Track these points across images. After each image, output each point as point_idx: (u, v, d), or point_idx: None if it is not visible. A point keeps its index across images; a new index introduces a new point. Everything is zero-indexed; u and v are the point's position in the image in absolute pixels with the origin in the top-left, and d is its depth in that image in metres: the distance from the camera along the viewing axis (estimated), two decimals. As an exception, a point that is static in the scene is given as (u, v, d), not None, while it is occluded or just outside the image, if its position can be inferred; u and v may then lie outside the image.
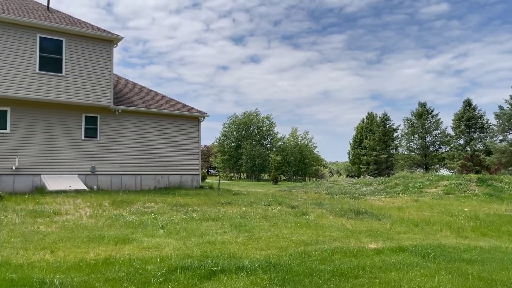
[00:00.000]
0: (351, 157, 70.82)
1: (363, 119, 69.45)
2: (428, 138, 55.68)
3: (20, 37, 15.75)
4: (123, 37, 17.89)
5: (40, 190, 15.43)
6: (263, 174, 65.23)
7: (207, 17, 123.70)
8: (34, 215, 9.91)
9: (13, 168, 15.90)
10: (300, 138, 67.74)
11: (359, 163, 65.30)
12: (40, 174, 16.46)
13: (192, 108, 21.99)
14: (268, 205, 14.37)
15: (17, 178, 15.99)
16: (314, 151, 68.53)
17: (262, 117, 68.04)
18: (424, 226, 11.18)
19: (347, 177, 64.12)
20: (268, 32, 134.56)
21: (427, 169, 52.84)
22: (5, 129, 16.02)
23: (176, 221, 10.20)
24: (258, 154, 60.98)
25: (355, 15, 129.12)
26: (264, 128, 67.83)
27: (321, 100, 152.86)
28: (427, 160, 54.07)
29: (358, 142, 67.92)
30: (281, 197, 17.71)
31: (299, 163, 64.94)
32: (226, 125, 68.44)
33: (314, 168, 67.11)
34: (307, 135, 68.28)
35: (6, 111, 16.06)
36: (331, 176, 72.56)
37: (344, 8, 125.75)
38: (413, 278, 5.63)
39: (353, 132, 71.22)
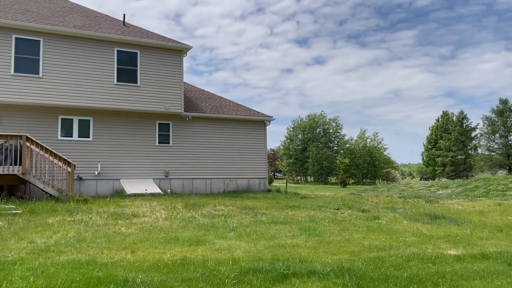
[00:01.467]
0: (425, 158, 67.52)
1: (438, 118, 65.93)
2: (512, 137, 51.46)
3: (100, 51, 17.01)
4: (192, 46, 18.63)
5: (120, 194, 16.49)
6: (330, 177, 64.24)
7: (271, 21, 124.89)
8: (115, 217, 10.59)
9: (96, 173, 17.15)
10: (369, 140, 65.86)
11: (434, 164, 61.99)
12: (119, 179, 17.59)
13: (258, 112, 22.27)
14: (337, 209, 14.11)
15: (99, 183, 17.22)
16: (385, 153, 66.24)
17: (328, 119, 67.12)
18: (509, 232, 10.32)
19: (420, 179, 61.16)
20: (333, 32, 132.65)
21: (510, 170, 48.79)
22: (89, 137, 17.34)
23: (246, 224, 10.36)
24: (325, 157, 60.16)
25: (426, 9, 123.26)
26: (331, 130, 66.84)
27: (391, 99, 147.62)
28: (510, 161, 49.94)
29: (432, 143, 64.60)
30: (350, 201, 17.31)
31: (368, 166, 63.09)
32: (291, 128, 68.44)
33: (384, 170, 64.80)
34: (377, 136, 66.20)
35: (89, 120, 17.39)
36: (403, 179, 69.57)
37: (413, 2, 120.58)
38: (499, 287, 5.22)
39: (427, 132, 67.91)
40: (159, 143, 18.85)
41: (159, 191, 17.21)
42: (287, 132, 68.87)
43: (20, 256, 6.40)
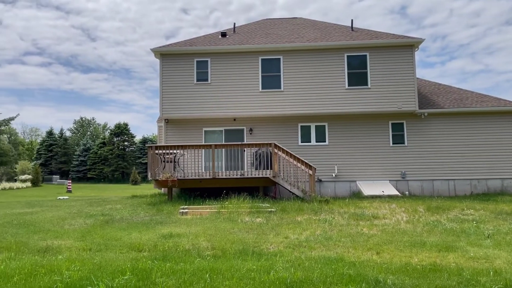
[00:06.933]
0: None
1: None
2: None
3: (331, 59, 17.92)
4: (424, 39, 17.50)
5: (357, 195, 16.83)
6: None
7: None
8: (355, 218, 10.85)
9: (333, 175, 18.02)
10: None
11: None
12: (355, 181, 17.97)
13: (510, 101, 19.04)
14: None
15: (337, 184, 18.03)
16: None
17: None
18: None
19: None
20: None
21: None
22: (325, 141, 18.41)
23: (505, 231, 8.96)
24: None
25: None
26: None
27: None
28: None
29: None
30: None
31: None
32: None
33: None
34: None
35: (324, 126, 18.47)
36: None
37: None
38: None
39: None
40: (393, 143, 18.38)
41: (396, 193, 16.75)
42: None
43: (279, 249, 7.28)
